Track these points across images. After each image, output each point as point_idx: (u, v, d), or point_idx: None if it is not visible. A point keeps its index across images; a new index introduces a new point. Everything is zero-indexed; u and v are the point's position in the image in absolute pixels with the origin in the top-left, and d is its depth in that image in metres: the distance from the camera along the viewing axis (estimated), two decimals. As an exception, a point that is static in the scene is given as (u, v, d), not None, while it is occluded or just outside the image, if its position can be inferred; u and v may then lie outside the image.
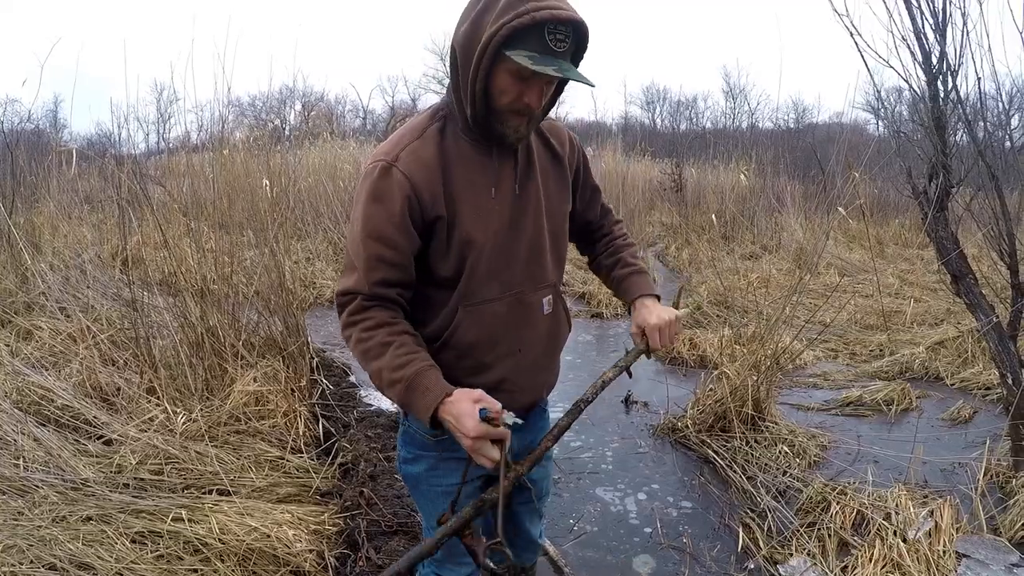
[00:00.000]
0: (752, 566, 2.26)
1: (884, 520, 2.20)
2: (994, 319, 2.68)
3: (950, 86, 2.55)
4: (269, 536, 2.10)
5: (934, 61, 2.53)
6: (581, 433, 3.38)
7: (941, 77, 2.54)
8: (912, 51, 2.56)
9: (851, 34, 2.61)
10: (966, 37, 2.47)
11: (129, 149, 5.70)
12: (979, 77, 2.53)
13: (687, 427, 3.29)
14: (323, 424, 3.12)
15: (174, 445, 2.58)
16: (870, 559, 2.05)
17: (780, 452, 2.95)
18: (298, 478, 2.59)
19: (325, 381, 3.58)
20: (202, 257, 3.59)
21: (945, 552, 2.06)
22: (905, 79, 2.62)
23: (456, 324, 1.23)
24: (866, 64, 2.68)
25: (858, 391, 3.82)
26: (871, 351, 4.73)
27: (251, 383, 3.06)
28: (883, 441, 3.16)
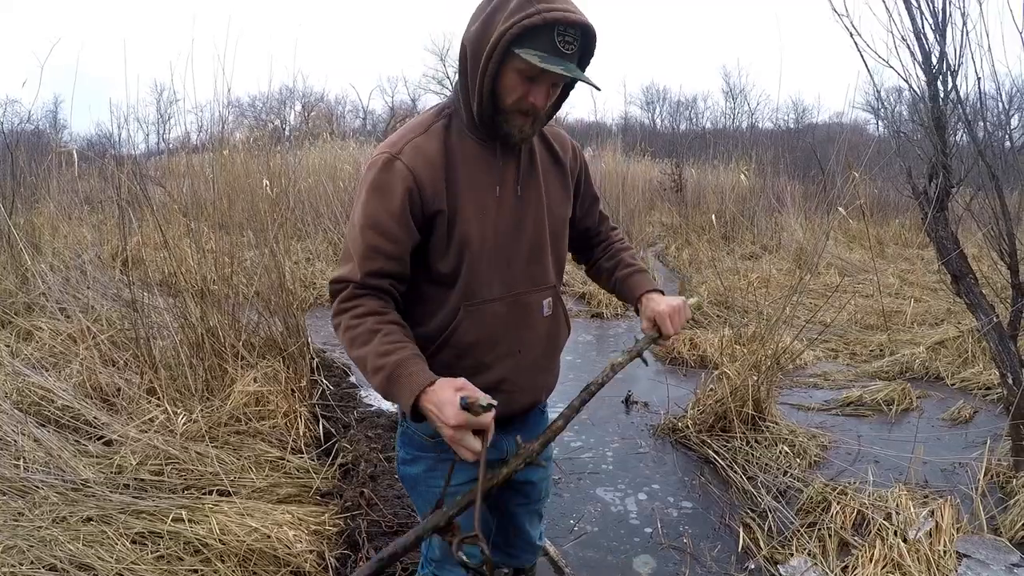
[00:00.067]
0: (752, 566, 2.26)
1: (884, 520, 2.20)
2: (994, 319, 2.68)
3: (950, 86, 2.56)
4: (269, 537, 2.10)
5: (934, 61, 2.53)
6: (581, 433, 3.38)
7: (941, 77, 2.54)
8: (912, 51, 2.56)
9: (851, 34, 2.62)
10: (966, 37, 2.47)
11: (129, 150, 5.71)
12: (979, 77, 2.53)
13: (687, 427, 3.29)
14: (323, 425, 3.12)
15: (174, 446, 2.58)
16: (870, 559, 2.05)
17: (780, 452, 2.95)
18: (298, 479, 2.59)
19: (325, 382, 3.58)
20: (202, 258, 3.59)
21: (945, 552, 2.06)
22: (905, 79, 2.62)
23: (456, 323, 1.23)
24: (866, 64, 2.68)
25: (858, 391, 3.82)
26: (871, 351, 4.73)
27: (251, 384, 3.06)
28: (883, 441, 3.16)
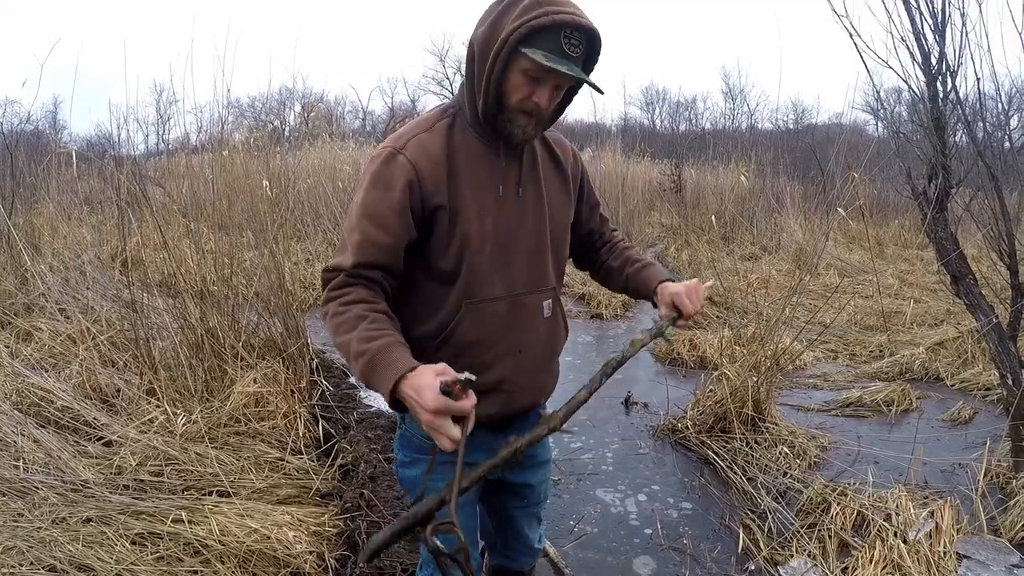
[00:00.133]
0: (752, 567, 2.26)
1: (884, 521, 2.20)
2: (994, 320, 2.69)
3: (949, 87, 2.56)
4: (269, 538, 2.10)
5: (933, 62, 2.54)
6: (581, 434, 3.37)
7: (940, 78, 2.54)
8: (911, 52, 2.56)
9: (850, 35, 2.62)
10: (965, 38, 2.48)
11: (128, 150, 5.70)
12: (978, 78, 2.54)
13: (687, 428, 3.29)
14: (323, 425, 3.12)
15: (174, 446, 2.58)
16: (870, 560, 2.05)
17: (780, 453, 2.95)
18: (298, 479, 2.59)
19: (325, 382, 3.58)
20: (202, 258, 3.59)
21: (946, 553, 2.06)
22: (904, 80, 2.63)
23: (457, 322, 1.23)
24: (865, 65, 2.69)
25: (858, 392, 3.82)
26: (871, 352, 4.73)
27: (251, 384, 3.06)
28: (883, 442, 3.16)
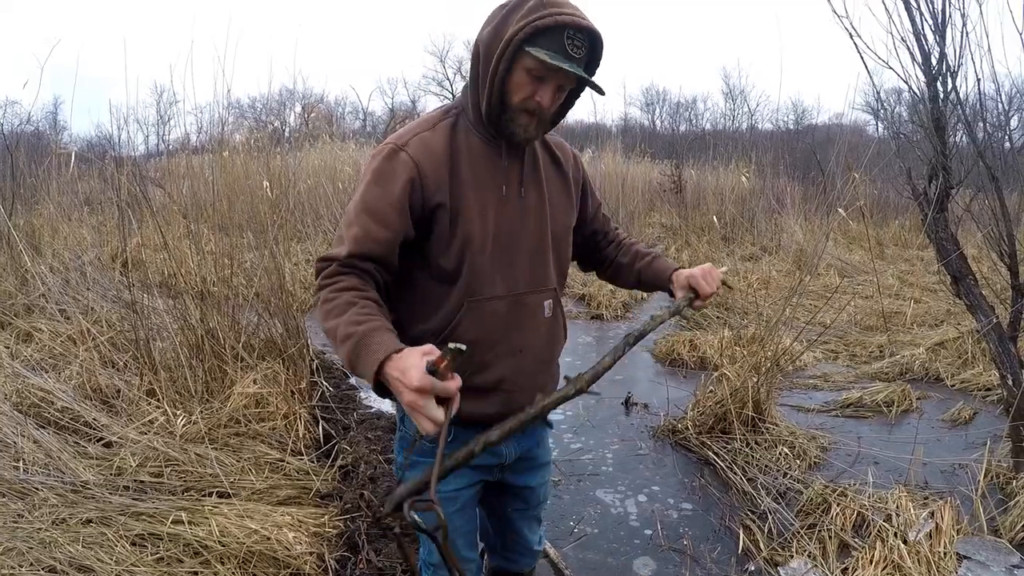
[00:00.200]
0: (753, 568, 2.26)
1: (885, 522, 2.20)
2: (994, 320, 2.69)
3: (950, 87, 2.56)
4: (269, 538, 2.10)
5: (934, 62, 2.54)
6: (581, 435, 3.38)
7: (941, 78, 2.55)
8: (912, 52, 2.56)
9: (851, 35, 2.62)
10: (965, 38, 2.48)
11: (129, 151, 5.71)
12: (979, 78, 2.54)
13: (687, 429, 3.29)
14: (323, 426, 3.11)
15: (174, 447, 2.58)
16: (871, 561, 2.05)
17: (780, 454, 2.95)
18: (298, 480, 2.59)
19: (325, 383, 3.58)
20: (202, 259, 3.59)
21: (946, 554, 2.06)
22: (905, 80, 2.63)
23: (458, 321, 1.24)
24: (866, 65, 2.69)
25: (858, 392, 3.82)
26: (871, 352, 4.73)
27: (251, 385, 3.06)
28: (883, 442, 3.16)
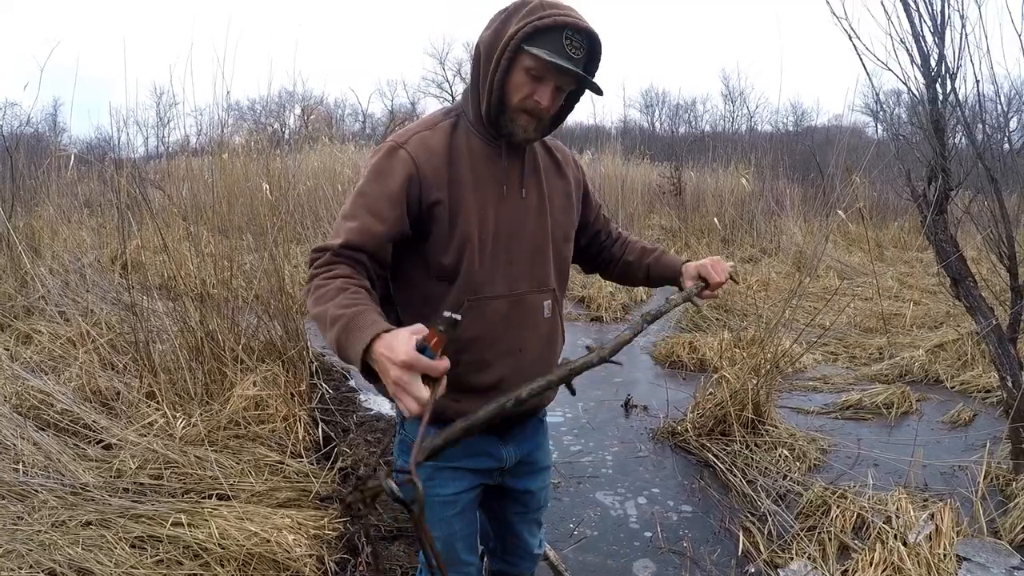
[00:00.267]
0: (753, 570, 2.25)
1: (884, 523, 2.19)
2: (994, 322, 2.69)
3: (949, 89, 2.56)
4: (269, 541, 2.09)
5: (933, 64, 2.54)
6: (581, 437, 3.37)
7: (940, 80, 2.55)
8: (911, 54, 2.57)
9: (850, 37, 2.63)
10: (964, 39, 2.48)
11: (128, 153, 5.71)
12: (978, 79, 2.54)
13: (687, 431, 3.28)
14: (323, 428, 3.11)
15: (173, 450, 2.57)
16: (870, 563, 2.05)
17: (780, 456, 2.95)
18: (298, 482, 2.58)
19: (325, 385, 3.58)
20: (201, 261, 3.59)
21: (946, 555, 2.06)
22: (904, 82, 2.63)
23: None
24: (865, 67, 2.71)
25: (858, 394, 3.82)
26: (871, 354, 4.73)
27: (251, 387, 3.06)
28: (883, 444, 3.16)
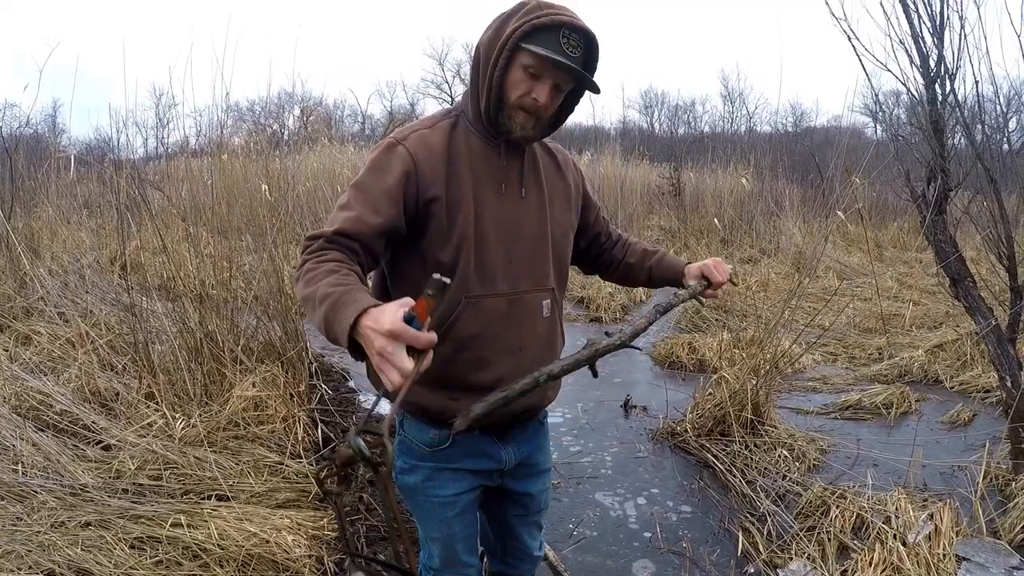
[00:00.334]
0: (752, 570, 2.25)
1: (884, 524, 2.20)
2: (993, 322, 2.69)
3: (948, 89, 2.56)
4: (268, 541, 2.09)
5: (932, 64, 2.54)
6: (580, 437, 3.37)
7: (939, 80, 2.55)
8: (910, 54, 2.57)
9: (849, 38, 2.63)
10: (964, 40, 2.49)
11: (128, 154, 5.70)
12: (977, 80, 2.55)
13: (686, 431, 3.28)
14: (322, 429, 3.11)
15: (173, 450, 2.57)
16: (870, 563, 2.05)
17: (779, 456, 2.95)
18: (297, 483, 2.58)
19: (324, 386, 3.57)
20: (201, 262, 3.59)
21: (945, 555, 2.06)
22: (903, 82, 2.64)
23: (457, 316, 1.24)
24: (864, 68, 2.71)
25: (857, 395, 3.82)
26: (870, 354, 4.73)
27: (250, 388, 3.06)
28: (882, 445, 3.16)
